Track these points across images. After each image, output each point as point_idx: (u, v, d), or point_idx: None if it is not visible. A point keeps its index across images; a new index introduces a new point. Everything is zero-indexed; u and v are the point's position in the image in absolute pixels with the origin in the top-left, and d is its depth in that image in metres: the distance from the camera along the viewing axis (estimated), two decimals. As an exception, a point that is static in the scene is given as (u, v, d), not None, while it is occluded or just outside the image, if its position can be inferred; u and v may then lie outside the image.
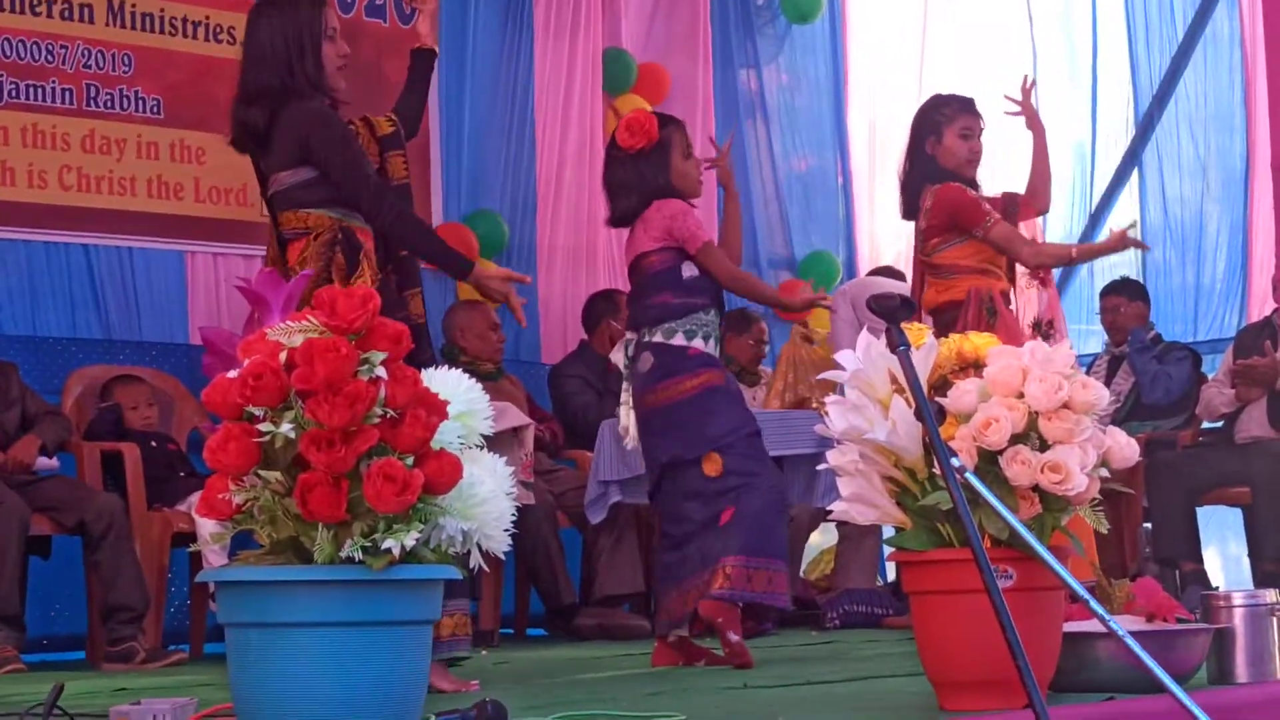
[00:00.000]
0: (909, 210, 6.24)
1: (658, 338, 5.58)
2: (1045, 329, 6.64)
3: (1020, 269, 6.27)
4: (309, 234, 4.86)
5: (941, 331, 5.88)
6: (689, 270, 5.57)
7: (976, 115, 6.18)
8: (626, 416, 5.76)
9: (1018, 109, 6.42)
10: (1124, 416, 8.19)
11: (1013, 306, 6.21)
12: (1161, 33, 9.75)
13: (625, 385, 5.78)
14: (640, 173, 5.65)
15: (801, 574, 8.41)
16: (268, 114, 4.86)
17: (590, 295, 8.59)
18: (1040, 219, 7.40)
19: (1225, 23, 9.59)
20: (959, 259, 6.06)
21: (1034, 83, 6.59)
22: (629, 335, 5.73)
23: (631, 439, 5.76)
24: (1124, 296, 8.55)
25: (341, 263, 4.77)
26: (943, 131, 6.13)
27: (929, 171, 6.12)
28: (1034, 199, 6.41)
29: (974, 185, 6.15)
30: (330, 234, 4.84)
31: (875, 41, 10.56)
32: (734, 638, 5.37)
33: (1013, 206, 6.31)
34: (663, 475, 5.66)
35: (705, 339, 5.58)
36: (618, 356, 5.93)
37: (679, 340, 5.55)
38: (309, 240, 4.85)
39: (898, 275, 8.75)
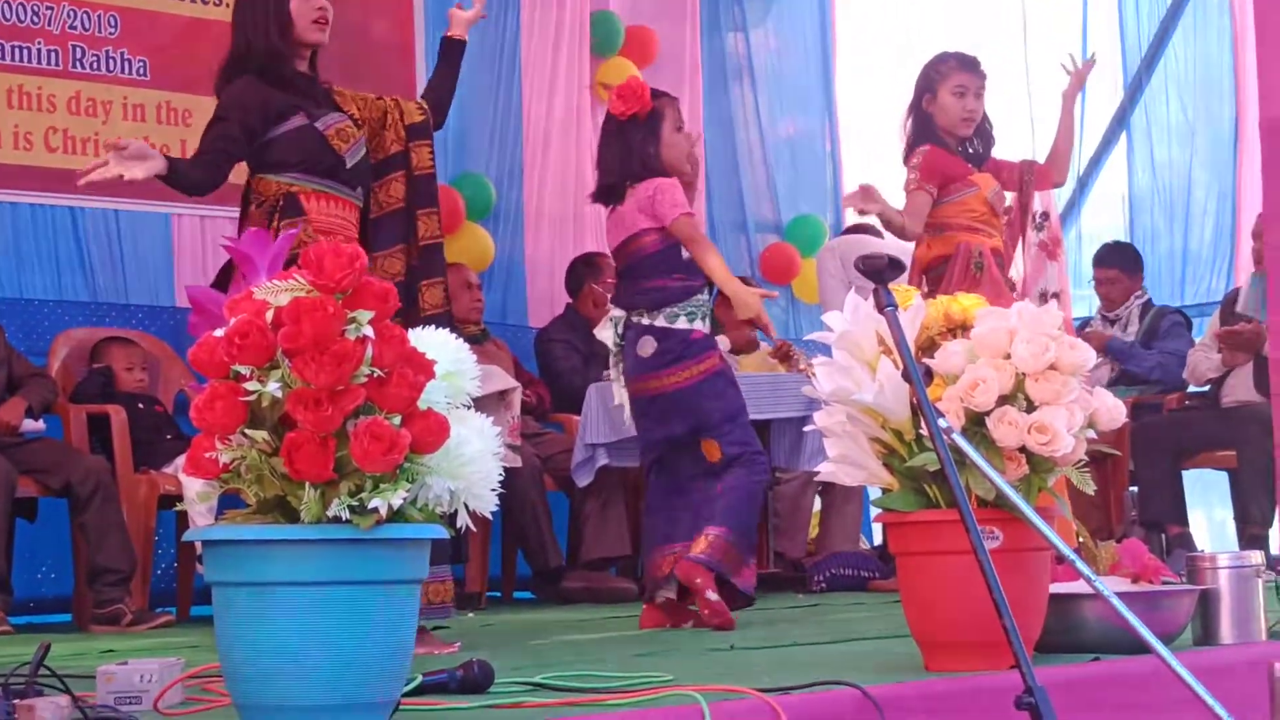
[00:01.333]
0: (904, 159, 6.27)
1: (660, 321, 5.56)
2: (1052, 301, 6.66)
3: (1030, 238, 6.32)
4: (255, 199, 4.95)
5: (933, 286, 5.95)
6: (687, 251, 5.56)
7: (974, 73, 6.19)
8: (620, 394, 5.76)
9: (1070, 71, 6.43)
10: (1111, 382, 8.20)
11: (1017, 272, 6.24)
12: (1149, -3, 9.75)
13: (614, 362, 5.78)
14: (628, 143, 5.62)
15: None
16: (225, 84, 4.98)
17: (573, 259, 8.58)
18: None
19: (1214, -16, 9.60)
20: (950, 216, 6.10)
21: (1094, 62, 6.60)
22: (616, 313, 5.71)
23: (628, 416, 5.78)
24: (1118, 270, 8.48)
25: (277, 232, 4.79)
26: (938, 88, 6.16)
27: (923, 129, 6.13)
28: (1052, 169, 6.45)
29: (966, 143, 6.17)
30: (272, 201, 4.90)
31: (863, 6, 10.54)
32: (712, 597, 5.38)
33: (1029, 174, 6.35)
34: (660, 450, 5.69)
35: (703, 319, 5.59)
36: (605, 334, 5.92)
37: (682, 324, 5.54)
38: (253, 207, 4.93)
39: (875, 232, 8.77)
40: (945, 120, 6.13)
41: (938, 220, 6.15)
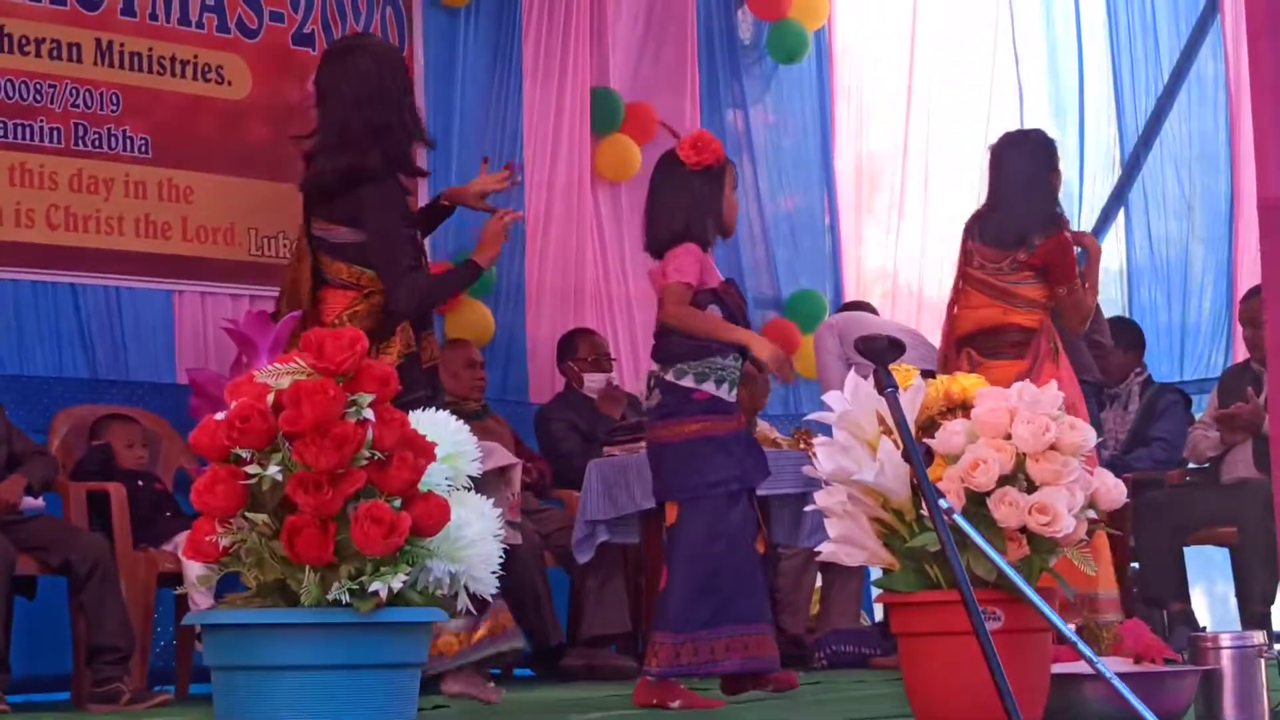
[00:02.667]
0: (1017, 237, 6.32)
1: (669, 376, 5.56)
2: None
3: None
4: (360, 290, 4.99)
5: (1007, 346, 6.10)
6: (713, 313, 5.56)
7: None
8: None
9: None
10: (1125, 449, 8.20)
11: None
12: (1147, 73, 9.79)
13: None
14: (695, 192, 5.62)
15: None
16: (347, 165, 5.04)
17: (560, 335, 8.63)
18: None
19: (1210, 63, 9.63)
20: (1040, 296, 6.38)
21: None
22: (652, 368, 5.75)
23: None
24: (1120, 346, 8.47)
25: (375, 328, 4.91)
26: (1056, 170, 6.46)
27: (1050, 206, 6.39)
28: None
29: None
30: (380, 299, 4.99)
31: (861, 82, 10.59)
32: (675, 704, 5.37)
33: None
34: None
35: (719, 383, 5.53)
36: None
37: (688, 382, 5.51)
38: (358, 296, 4.98)
39: (872, 310, 8.80)
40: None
41: (1030, 295, 6.44)
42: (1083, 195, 9.84)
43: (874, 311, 8.79)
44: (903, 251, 10.24)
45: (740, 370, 5.60)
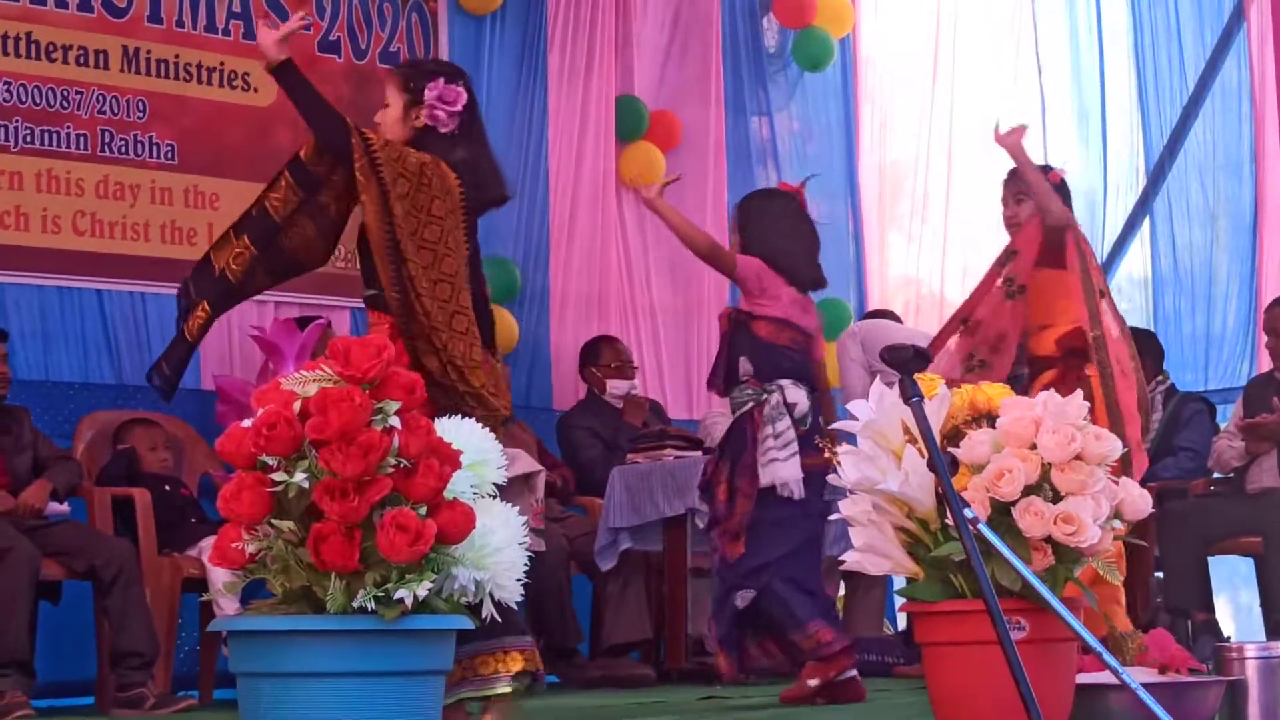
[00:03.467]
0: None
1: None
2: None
3: None
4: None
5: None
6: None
7: (1004, 186, 6.59)
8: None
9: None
10: (1150, 458, 8.18)
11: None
12: (1171, 82, 9.77)
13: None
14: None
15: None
16: None
17: (584, 343, 8.63)
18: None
19: (1235, 72, 9.60)
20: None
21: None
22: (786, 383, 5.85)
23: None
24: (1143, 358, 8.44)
25: None
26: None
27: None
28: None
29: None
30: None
31: (885, 90, 10.59)
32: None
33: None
34: None
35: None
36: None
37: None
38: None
39: (896, 318, 8.80)
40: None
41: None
42: (1106, 204, 9.82)
43: (898, 320, 8.79)
44: (925, 259, 10.23)
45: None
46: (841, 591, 8.24)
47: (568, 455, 8.21)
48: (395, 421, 2.84)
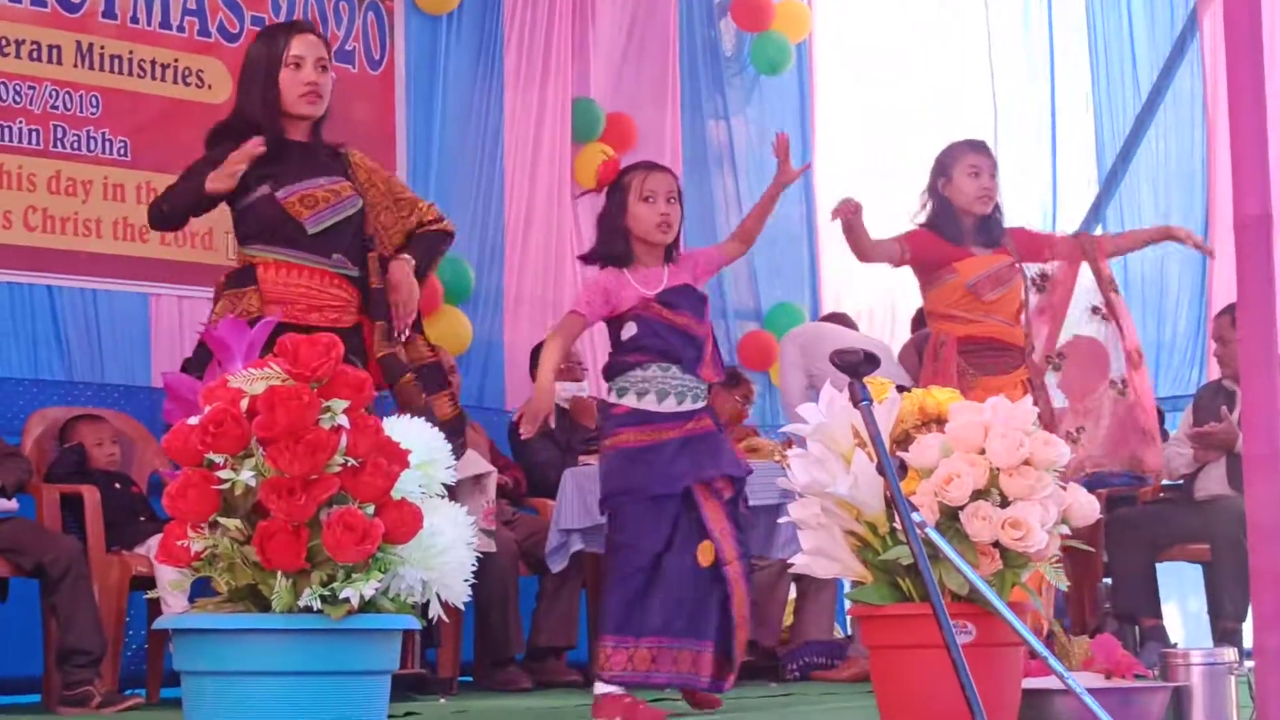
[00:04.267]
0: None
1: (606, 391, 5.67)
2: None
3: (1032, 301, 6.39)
4: (229, 275, 5.14)
5: None
6: (627, 331, 5.60)
7: (985, 155, 6.39)
8: None
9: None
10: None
11: (1035, 353, 6.33)
12: (1124, 90, 9.83)
13: None
14: (604, 212, 5.74)
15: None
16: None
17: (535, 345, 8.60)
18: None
19: (1188, 81, 9.67)
20: (930, 304, 6.40)
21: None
22: None
23: None
24: None
25: (218, 303, 4.98)
26: (952, 171, 6.29)
27: (940, 212, 6.30)
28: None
29: (984, 220, 6.24)
30: (232, 272, 5.07)
31: (841, 94, 10.62)
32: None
33: (1090, 245, 6.45)
34: None
35: (640, 395, 5.53)
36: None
37: (611, 397, 5.59)
38: (222, 277, 5.12)
39: (849, 323, 8.81)
40: (962, 200, 6.27)
41: (925, 307, 6.43)
42: (1056, 211, 9.87)
43: (852, 324, 8.80)
44: (879, 267, 10.24)
45: (677, 380, 5.59)
46: (793, 594, 8.26)
47: (520, 456, 8.19)
48: (343, 420, 2.84)
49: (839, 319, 8.83)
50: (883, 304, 10.15)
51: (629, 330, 5.54)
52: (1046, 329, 6.45)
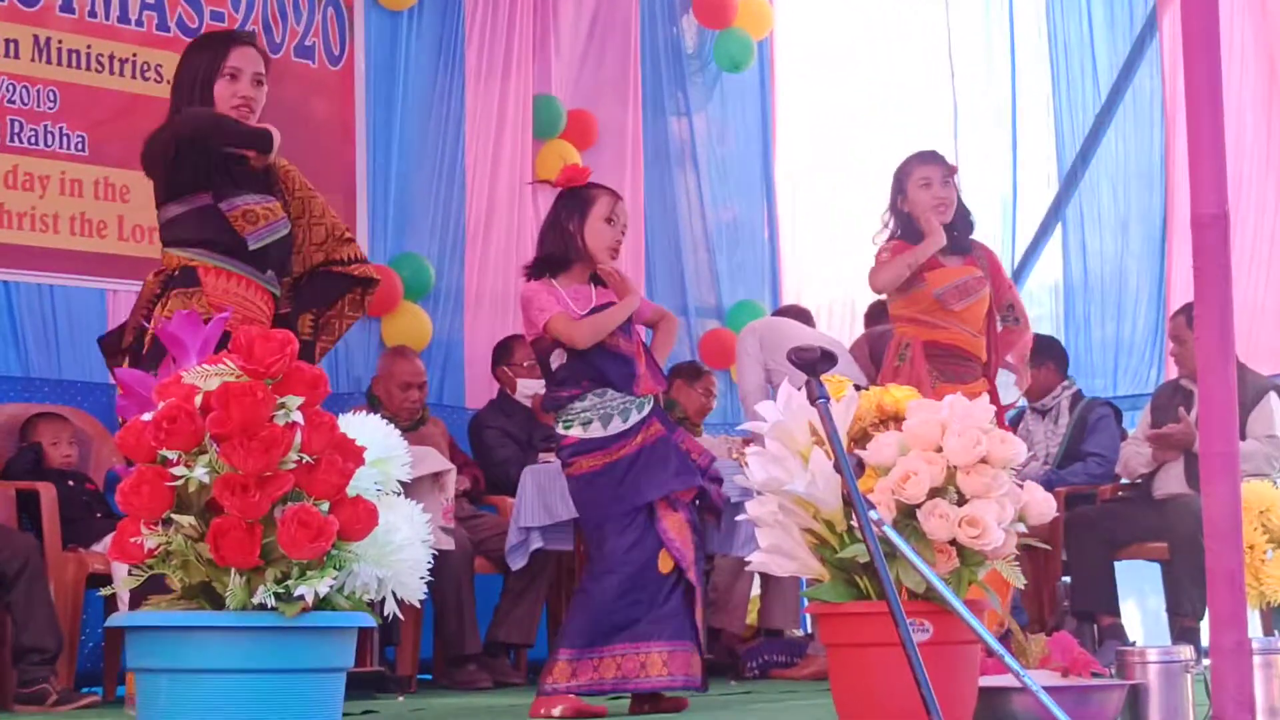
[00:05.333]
0: None
1: (555, 427, 5.72)
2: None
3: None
4: (155, 271, 5.10)
5: None
6: (556, 359, 5.60)
7: (936, 164, 6.40)
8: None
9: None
10: (1058, 463, 8.25)
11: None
12: (1084, 89, 9.86)
13: None
14: (555, 215, 5.72)
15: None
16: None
17: (496, 343, 8.58)
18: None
19: (1147, 81, 9.71)
20: (898, 309, 6.39)
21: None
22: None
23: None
24: (1050, 364, 8.47)
25: (168, 301, 4.95)
26: (905, 187, 6.31)
27: (904, 228, 6.36)
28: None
29: (948, 229, 6.27)
30: (169, 271, 5.03)
31: (802, 92, 10.63)
32: (557, 711, 5.37)
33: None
34: None
35: (585, 425, 5.56)
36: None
37: (559, 429, 5.64)
38: (151, 275, 5.08)
39: (804, 315, 8.81)
40: (919, 213, 6.27)
41: (890, 310, 6.45)
42: (1016, 209, 9.90)
43: (809, 319, 8.81)
44: (839, 265, 10.27)
45: (615, 401, 5.58)
46: (756, 590, 8.28)
47: (479, 454, 8.18)
48: (298, 416, 2.82)
49: (797, 313, 8.82)
50: (842, 300, 10.17)
51: (558, 359, 5.57)
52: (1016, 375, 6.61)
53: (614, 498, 5.54)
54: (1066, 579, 8.13)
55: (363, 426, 3.03)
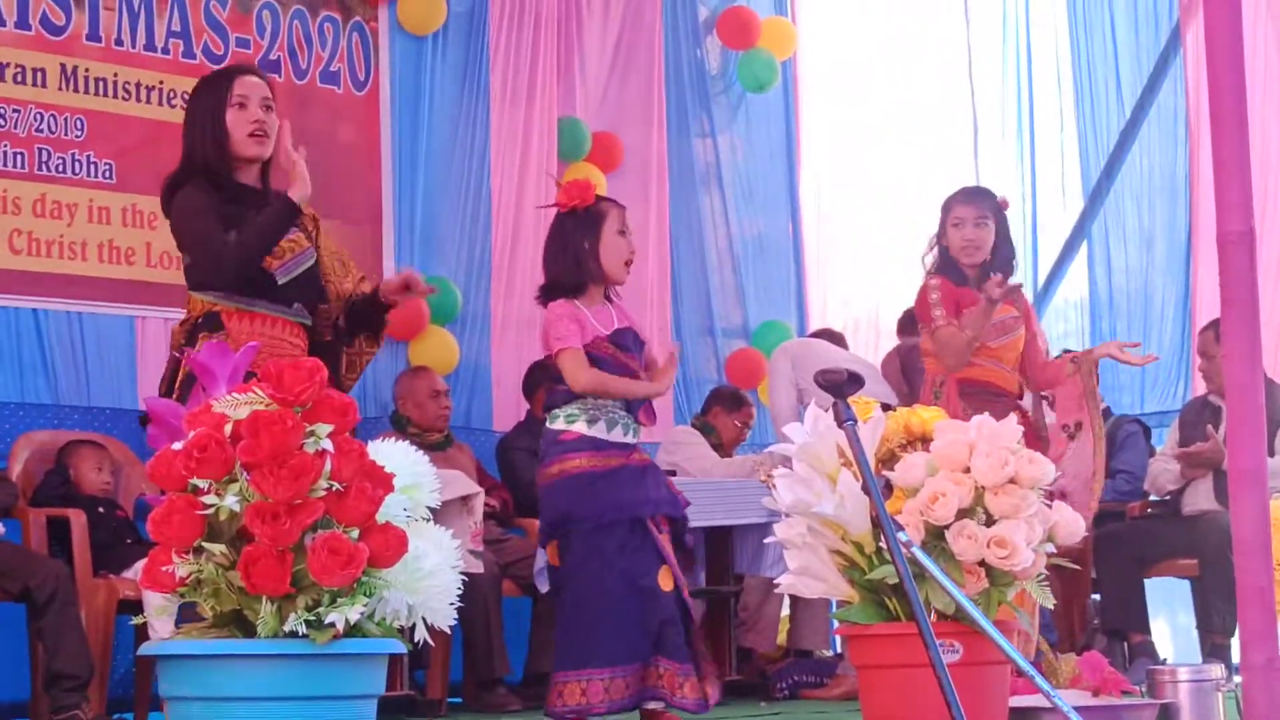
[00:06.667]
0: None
1: (546, 423, 5.63)
2: (1072, 430, 6.62)
3: None
4: (185, 322, 5.07)
5: None
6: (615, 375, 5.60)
7: (971, 204, 6.37)
8: None
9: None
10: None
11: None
12: (1108, 105, 9.86)
13: None
14: (564, 236, 5.66)
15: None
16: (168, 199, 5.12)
17: (531, 363, 8.56)
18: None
19: (1171, 97, 9.70)
20: (930, 347, 6.34)
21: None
22: None
23: None
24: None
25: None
26: (944, 224, 6.34)
27: (943, 262, 6.36)
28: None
29: (972, 271, 6.25)
30: (194, 319, 5.00)
31: (826, 111, 10.64)
32: None
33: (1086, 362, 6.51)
34: None
35: (591, 422, 5.53)
36: None
37: (557, 425, 5.56)
38: (176, 324, 5.07)
39: (838, 338, 8.81)
40: (954, 252, 6.28)
41: (923, 345, 6.44)
42: (1039, 227, 9.89)
43: (841, 341, 8.80)
44: (862, 282, 10.28)
45: (616, 412, 5.55)
46: (786, 610, 8.27)
47: (507, 477, 8.18)
48: (327, 444, 2.83)
49: (830, 335, 8.83)
50: (867, 319, 10.17)
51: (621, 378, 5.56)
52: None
53: (604, 505, 5.45)
54: (1096, 596, 8.11)
55: (391, 453, 3.04)
